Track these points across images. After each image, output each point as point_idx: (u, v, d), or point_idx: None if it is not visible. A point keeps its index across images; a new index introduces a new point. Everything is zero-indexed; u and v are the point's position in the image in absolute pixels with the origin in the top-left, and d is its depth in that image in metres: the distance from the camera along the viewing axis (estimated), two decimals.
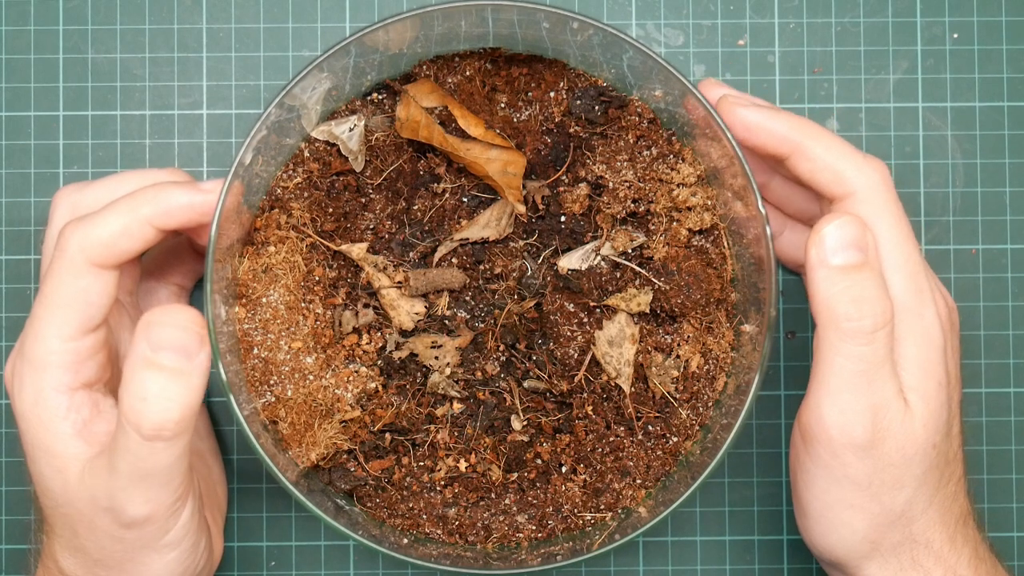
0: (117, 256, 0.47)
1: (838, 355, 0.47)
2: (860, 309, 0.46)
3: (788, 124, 0.50)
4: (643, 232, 0.53)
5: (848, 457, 0.48)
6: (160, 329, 0.44)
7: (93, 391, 0.48)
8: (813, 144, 0.49)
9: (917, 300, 0.49)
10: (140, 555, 0.48)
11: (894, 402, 0.47)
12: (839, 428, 0.47)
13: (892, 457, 0.48)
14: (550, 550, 0.51)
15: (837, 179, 0.49)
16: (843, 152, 0.49)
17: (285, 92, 0.48)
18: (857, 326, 0.46)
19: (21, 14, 0.59)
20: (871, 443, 0.47)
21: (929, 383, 0.49)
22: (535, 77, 0.54)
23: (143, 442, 0.43)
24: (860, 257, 0.46)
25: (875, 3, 0.60)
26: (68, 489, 0.47)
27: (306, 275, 0.52)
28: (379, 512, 0.53)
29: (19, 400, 0.48)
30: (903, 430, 0.48)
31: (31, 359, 0.47)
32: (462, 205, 0.54)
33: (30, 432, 0.47)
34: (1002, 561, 0.53)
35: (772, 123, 0.49)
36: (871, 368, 0.47)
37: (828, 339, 0.47)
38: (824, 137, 0.50)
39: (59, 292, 0.47)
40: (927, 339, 0.49)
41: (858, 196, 0.49)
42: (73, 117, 0.59)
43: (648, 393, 0.53)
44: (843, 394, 0.47)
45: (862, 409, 0.47)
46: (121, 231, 0.47)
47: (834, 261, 0.46)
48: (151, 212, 0.48)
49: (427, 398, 0.53)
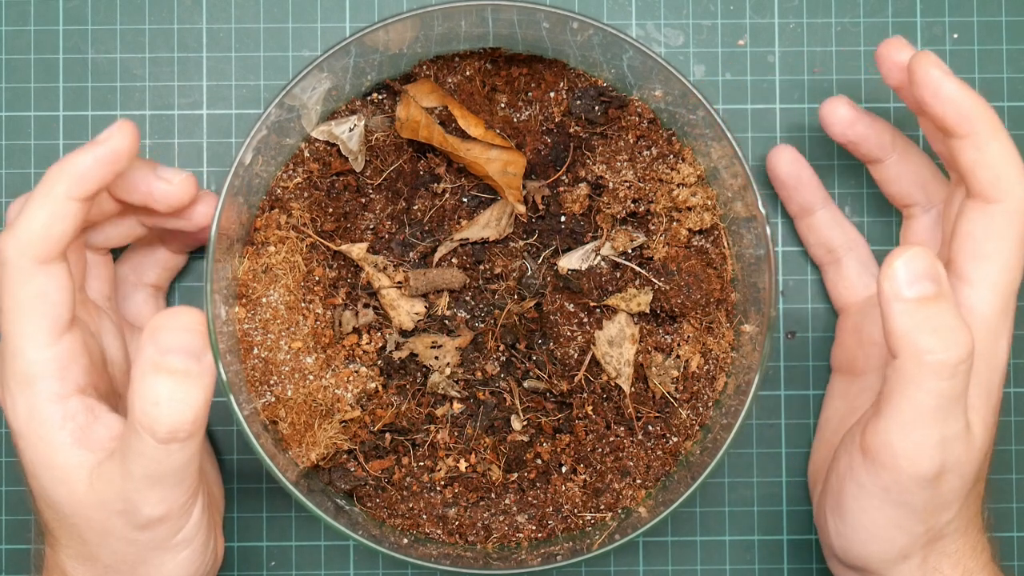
0: (55, 245, 0.47)
1: (918, 389, 0.45)
2: (943, 341, 0.45)
3: (976, 107, 0.48)
4: (643, 232, 0.53)
5: (911, 486, 0.47)
6: (166, 333, 0.44)
7: (85, 397, 0.48)
8: (990, 138, 0.48)
9: (1001, 322, 0.48)
10: (153, 556, 0.48)
11: (963, 434, 0.47)
12: (908, 460, 0.46)
13: (952, 485, 0.47)
14: (550, 550, 0.51)
15: (995, 182, 0.48)
16: (1013, 160, 0.48)
17: (285, 92, 0.48)
18: (942, 359, 0.45)
19: (21, 14, 0.59)
20: (938, 476, 0.47)
21: (989, 407, 0.49)
22: (535, 77, 0.54)
23: (158, 446, 0.43)
24: (935, 288, 0.45)
25: (875, 3, 0.60)
26: (75, 499, 0.47)
27: (306, 275, 0.52)
28: (379, 512, 0.53)
29: (13, 418, 0.47)
30: (966, 458, 0.47)
31: (15, 375, 0.47)
32: (462, 205, 0.54)
33: (29, 449, 0.47)
34: (999, 562, 0.53)
35: (962, 98, 0.48)
36: (950, 403, 0.46)
37: (908, 371, 0.45)
38: (1003, 136, 0.48)
39: (17, 302, 0.47)
40: (996, 362, 0.48)
41: (1003, 207, 0.48)
42: (73, 117, 0.59)
43: (648, 393, 0.53)
44: (918, 427, 0.46)
45: (934, 443, 0.46)
46: (48, 219, 0.46)
47: (908, 293, 0.45)
48: (66, 187, 0.47)
49: (427, 398, 0.53)
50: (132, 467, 0.44)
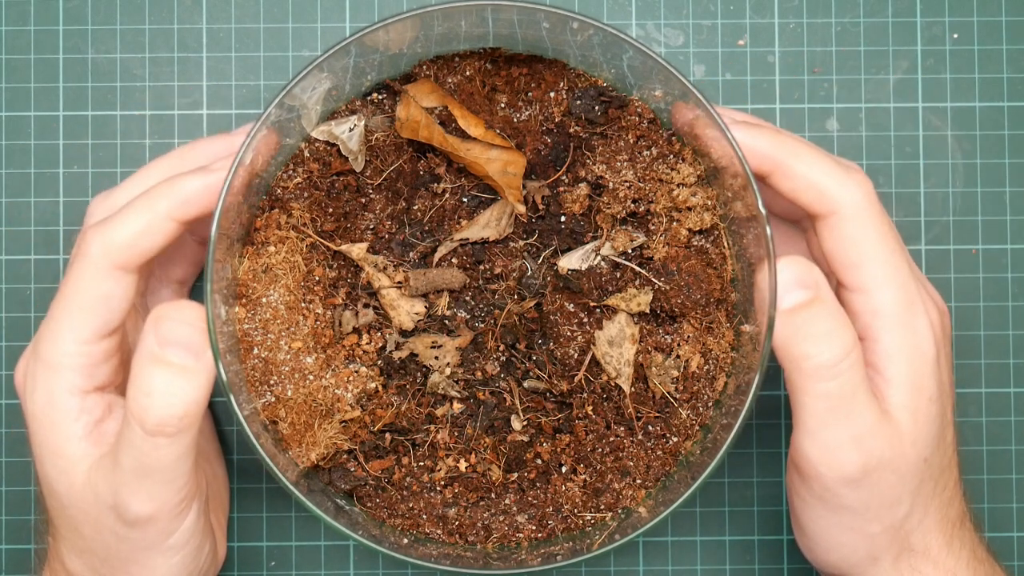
0: (139, 256, 0.47)
1: (807, 395, 0.46)
2: (817, 346, 0.45)
3: (768, 141, 0.49)
4: (643, 232, 0.53)
5: (841, 490, 0.47)
6: (169, 324, 0.44)
7: (106, 393, 0.48)
8: (794, 162, 0.48)
9: (908, 313, 0.48)
10: (145, 557, 0.48)
11: (878, 427, 0.47)
12: (826, 465, 0.47)
13: (886, 479, 0.47)
14: (550, 550, 0.51)
15: (820, 197, 0.48)
16: (825, 169, 0.48)
17: (285, 92, 0.48)
18: (817, 363, 0.45)
19: (21, 14, 0.59)
20: (861, 473, 0.47)
21: (920, 399, 0.48)
22: (535, 77, 0.54)
23: (146, 437, 0.44)
24: (807, 294, 0.46)
25: (875, 3, 0.60)
26: (74, 490, 0.47)
27: (306, 275, 0.52)
28: (379, 512, 0.53)
29: (30, 401, 0.48)
30: (893, 452, 0.47)
31: (45, 360, 0.47)
32: (462, 205, 0.54)
33: (40, 434, 0.47)
34: (999, 561, 0.53)
35: (752, 141, 0.48)
36: (843, 401, 0.46)
37: (794, 381, 0.46)
38: (805, 154, 0.49)
39: (79, 295, 0.47)
40: (918, 353, 0.48)
41: (842, 213, 0.48)
42: (73, 117, 0.59)
43: (648, 393, 0.53)
44: (822, 432, 0.46)
45: (845, 442, 0.46)
46: (142, 230, 0.47)
47: (783, 306, 0.46)
48: (168, 206, 0.47)
49: (427, 398, 0.53)
50: (122, 458, 0.45)
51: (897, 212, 0.60)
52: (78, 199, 0.59)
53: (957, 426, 0.52)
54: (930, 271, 0.60)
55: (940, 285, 0.59)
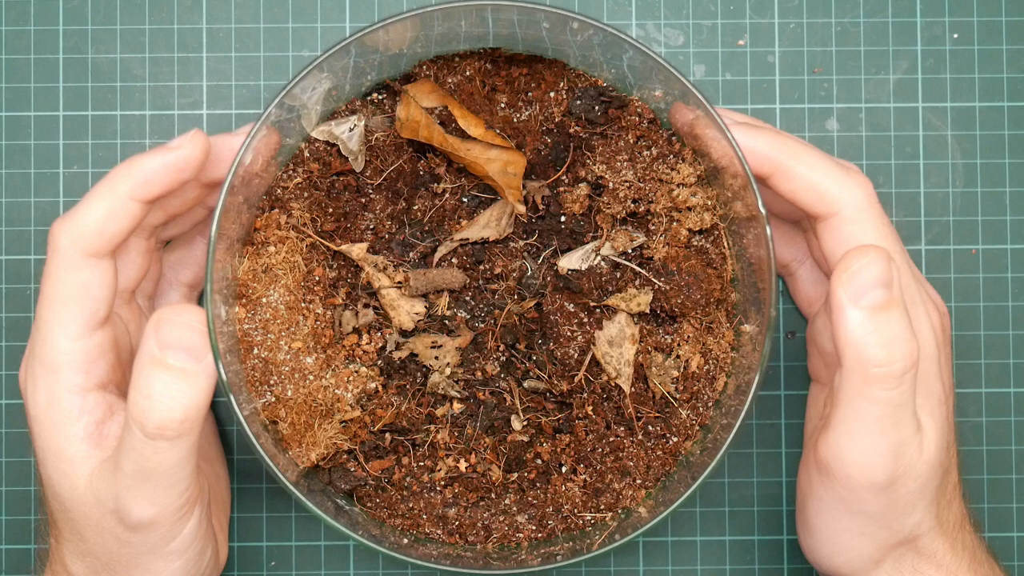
0: (108, 242, 0.47)
1: (864, 399, 0.45)
2: (890, 353, 0.44)
3: (768, 143, 0.48)
4: (643, 232, 0.53)
5: (866, 495, 0.47)
6: (169, 327, 0.44)
7: (107, 393, 0.48)
8: (794, 163, 0.48)
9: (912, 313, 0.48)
10: (147, 561, 0.48)
11: (915, 436, 0.46)
12: (859, 469, 0.46)
13: (907, 487, 0.47)
14: (550, 550, 0.51)
15: (820, 199, 0.48)
16: (825, 170, 0.48)
17: (285, 92, 0.48)
18: (887, 371, 0.44)
19: (21, 14, 0.59)
20: (890, 481, 0.47)
21: (931, 401, 0.48)
22: (535, 77, 0.54)
23: (146, 440, 0.43)
24: (888, 295, 0.45)
25: (875, 3, 0.60)
26: (76, 493, 0.47)
27: (306, 275, 0.52)
28: (379, 512, 0.53)
29: (32, 403, 0.47)
30: (920, 461, 0.47)
31: (43, 361, 0.47)
32: (462, 205, 0.54)
33: (42, 435, 0.47)
34: (999, 561, 0.53)
35: (752, 142, 0.48)
36: (897, 410, 0.45)
37: (854, 383, 0.45)
38: (805, 155, 0.49)
39: (59, 289, 0.47)
40: (923, 356, 0.48)
41: (842, 215, 0.48)
42: (73, 117, 0.59)
43: (648, 393, 0.53)
44: (867, 437, 0.46)
45: (884, 451, 0.46)
46: (107, 214, 0.47)
47: (864, 302, 0.44)
48: (129, 187, 0.47)
49: (427, 398, 0.53)
50: (123, 461, 0.45)
51: (897, 212, 0.60)
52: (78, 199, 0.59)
53: (957, 426, 0.52)
54: (930, 271, 0.60)
55: (940, 285, 0.59)
